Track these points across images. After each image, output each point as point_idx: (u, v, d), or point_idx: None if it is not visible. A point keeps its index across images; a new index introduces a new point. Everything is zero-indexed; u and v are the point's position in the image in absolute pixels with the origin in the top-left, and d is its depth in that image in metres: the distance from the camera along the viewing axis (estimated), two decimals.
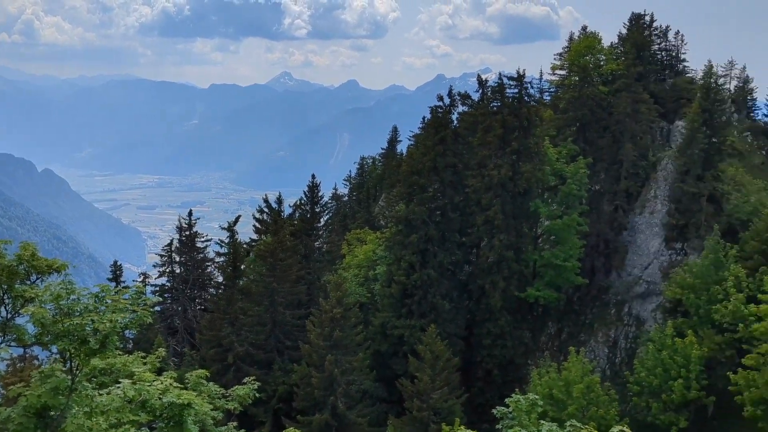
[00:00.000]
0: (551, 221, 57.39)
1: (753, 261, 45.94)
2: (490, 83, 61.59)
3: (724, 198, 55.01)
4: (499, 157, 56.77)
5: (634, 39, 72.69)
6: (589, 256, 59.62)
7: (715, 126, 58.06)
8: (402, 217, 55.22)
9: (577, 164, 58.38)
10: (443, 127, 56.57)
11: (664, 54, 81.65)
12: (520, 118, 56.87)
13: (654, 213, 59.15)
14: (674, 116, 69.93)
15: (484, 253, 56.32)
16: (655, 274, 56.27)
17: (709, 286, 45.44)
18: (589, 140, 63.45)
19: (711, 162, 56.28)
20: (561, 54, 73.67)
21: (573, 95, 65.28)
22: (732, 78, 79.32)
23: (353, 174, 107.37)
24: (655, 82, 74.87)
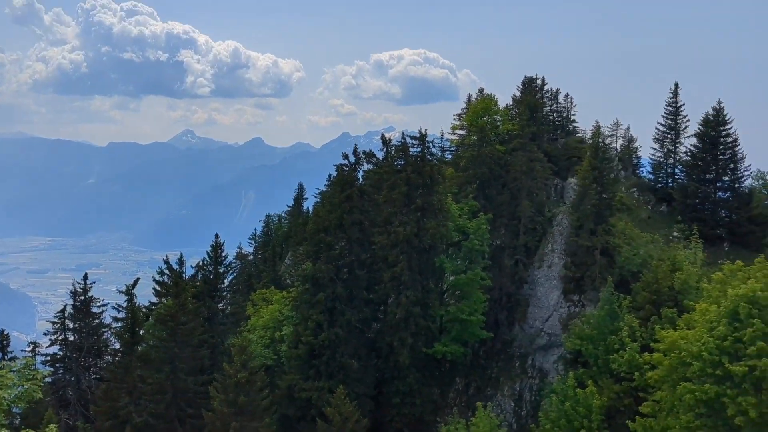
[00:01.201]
0: (456, 276, 58.38)
1: (644, 311, 48.20)
2: (394, 142, 63.03)
3: (615, 251, 57.78)
4: (404, 214, 57.59)
5: (527, 101, 76.59)
6: (493, 310, 60.85)
7: (605, 183, 61.35)
8: (309, 275, 54.74)
9: (478, 220, 60.00)
10: (349, 184, 57.04)
11: (556, 115, 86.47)
12: (423, 176, 58.13)
13: (552, 266, 61.35)
14: (567, 173, 73.60)
15: (392, 309, 56.43)
16: (556, 326, 58.02)
17: (605, 337, 47.22)
18: (489, 197, 65.51)
19: (602, 216, 59.19)
20: (460, 114, 76.41)
21: (472, 154, 67.56)
22: (618, 137, 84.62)
23: (258, 232, 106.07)
24: (548, 142, 78.93)
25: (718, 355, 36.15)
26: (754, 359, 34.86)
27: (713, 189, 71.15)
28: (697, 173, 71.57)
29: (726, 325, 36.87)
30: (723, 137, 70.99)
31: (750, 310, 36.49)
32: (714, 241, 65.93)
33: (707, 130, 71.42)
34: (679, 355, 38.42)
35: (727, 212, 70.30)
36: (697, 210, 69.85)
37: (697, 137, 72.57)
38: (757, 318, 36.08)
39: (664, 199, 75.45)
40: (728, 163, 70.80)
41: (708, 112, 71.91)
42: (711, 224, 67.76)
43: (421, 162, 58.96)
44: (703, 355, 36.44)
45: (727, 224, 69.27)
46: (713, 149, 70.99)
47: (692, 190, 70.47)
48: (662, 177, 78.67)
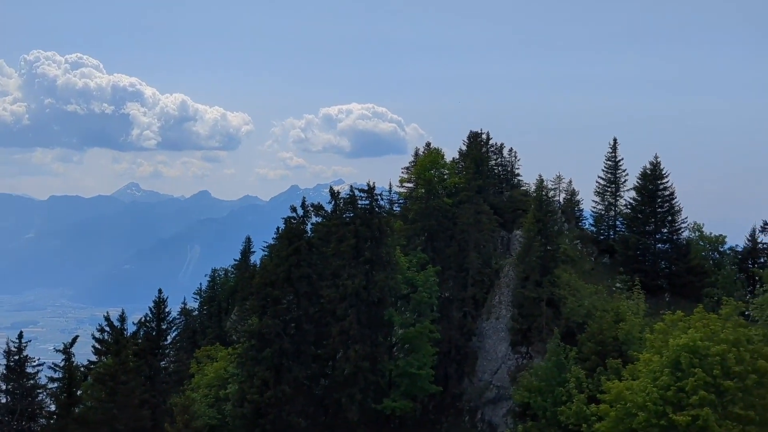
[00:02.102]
0: (405, 329, 58.16)
1: (590, 362, 48.73)
2: (343, 195, 63.16)
3: (561, 302, 58.61)
4: (353, 267, 57.38)
5: (473, 155, 78.11)
6: (442, 363, 60.60)
7: (549, 235, 62.60)
8: (255, 330, 53.69)
9: (427, 272, 60.22)
10: (297, 237, 56.68)
11: (501, 169, 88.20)
12: (372, 229, 58.28)
13: (500, 318, 61.74)
14: (513, 226, 74.79)
15: (340, 365, 55.59)
16: (504, 379, 58.05)
17: (553, 388, 47.43)
18: (437, 249, 65.99)
19: (547, 268, 60.15)
20: (408, 167, 77.40)
21: (420, 206, 68.27)
22: (561, 191, 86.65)
23: (204, 287, 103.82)
24: (494, 195, 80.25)
25: (662, 405, 36.69)
26: (696, 409, 35.47)
27: (653, 241, 73.31)
28: (637, 225, 73.74)
29: (668, 375, 37.58)
30: (660, 190, 73.61)
31: (691, 360, 37.32)
32: (655, 291, 67.58)
33: (645, 184, 73.97)
34: (624, 405, 38.84)
35: (667, 263, 72.42)
36: (639, 261, 71.69)
37: (636, 190, 75.05)
38: (698, 367, 36.90)
39: (607, 250, 77.27)
40: (666, 216, 73.25)
41: (646, 167, 74.66)
42: (652, 275, 69.56)
43: (369, 214, 59.18)
44: (648, 405, 36.93)
45: (667, 275, 71.24)
46: (651, 202, 73.45)
47: (633, 241, 72.46)
48: (604, 229, 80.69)
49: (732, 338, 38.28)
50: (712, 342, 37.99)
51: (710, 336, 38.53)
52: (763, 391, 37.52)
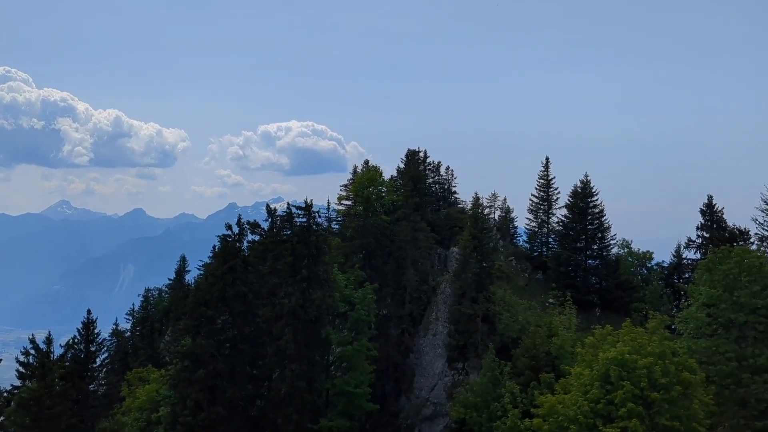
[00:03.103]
0: (342, 348, 57.87)
1: (524, 376, 49.53)
2: (280, 212, 62.65)
3: (496, 318, 59.51)
4: (289, 285, 56.80)
5: (411, 173, 79.03)
6: (380, 381, 60.54)
7: (485, 252, 63.59)
8: (188, 351, 52.39)
9: (364, 290, 60.22)
10: (232, 255, 55.78)
11: (438, 186, 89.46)
12: (309, 246, 57.90)
13: (437, 335, 62.19)
14: (449, 243, 75.82)
15: (276, 384, 54.77)
16: (441, 395, 58.38)
17: (489, 404, 47.96)
18: (375, 266, 66.15)
19: (483, 284, 61.03)
20: (346, 185, 77.53)
21: (358, 224, 68.42)
22: (496, 208, 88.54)
23: (137, 307, 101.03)
24: (432, 212, 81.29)
25: (593, 418, 37.48)
26: (625, 420, 36.37)
27: (583, 257, 75.37)
28: (569, 242, 75.71)
29: (598, 388, 38.46)
30: (591, 208, 75.86)
31: (620, 373, 38.30)
32: (587, 306, 69.37)
33: (576, 202, 76.12)
34: (557, 419, 39.53)
35: (597, 279, 74.51)
36: (570, 277, 73.52)
37: (568, 208, 77.15)
38: (626, 380, 37.90)
39: (540, 266, 79.03)
40: (596, 233, 75.49)
41: (576, 185, 76.90)
42: (583, 290, 71.41)
43: (306, 232, 58.79)
44: (579, 418, 37.67)
45: (597, 290, 73.29)
46: (582, 219, 75.59)
47: (565, 258, 74.31)
48: (537, 246, 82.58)
49: (658, 351, 39.49)
50: (640, 355, 39.08)
51: (638, 349, 39.64)
52: (688, 402, 38.79)
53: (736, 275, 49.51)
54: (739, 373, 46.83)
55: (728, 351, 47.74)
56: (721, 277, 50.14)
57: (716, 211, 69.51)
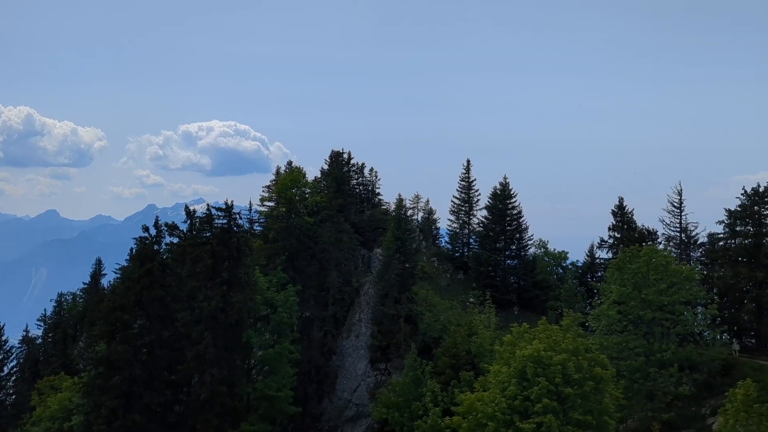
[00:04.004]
0: (264, 351, 57.20)
1: (445, 375, 50.28)
2: (199, 214, 61.32)
3: (418, 318, 60.17)
4: (209, 288, 55.66)
5: (334, 174, 78.88)
6: (302, 384, 60.17)
7: (408, 253, 64.21)
8: (102, 357, 50.67)
9: (287, 292, 59.72)
10: (149, 258, 54.28)
11: (362, 188, 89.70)
12: (230, 248, 56.90)
13: (360, 336, 62.34)
14: (373, 244, 76.12)
15: (196, 390, 53.57)
16: (364, 396, 58.57)
17: (410, 403, 48.45)
18: (297, 268, 65.69)
19: (406, 285, 61.62)
20: (269, 186, 76.68)
21: (281, 225, 67.75)
22: (419, 210, 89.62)
23: (49, 313, 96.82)
24: (355, 214, 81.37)
25: (510, 414, 38.33)
26: (540, 416, 37.38)
27: (503, 257, 77.23)
28: (489, 243, 77.40)
29: (516, 384, 39.37)
30: (509, 209, 77.79)
31: (536, 369, 39.32)
32: (506, 305, 71.09)
33: (496, 203, 77.92)
34: (476, 416, 40.24)
35: (516, 278, 76.49)
36: (490, 277, 75.18)
37: (488, 209, 78.87)
38: (542, 376, 38.96)
39: (461, 267, 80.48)
40: (515, 233, 77.48)
41: (496, 187, 78.69)
42: (502, 290, 73.13)
43: (227, 234, 57.75)
44: (497, 415, 38.45)
45: (516, 289, 75.22)
46: (501, 220, 77.45)
47: (485, 258, 75.91)
48: (459, 246, 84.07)
49: (572, 348, 40.75)
50: (555, 352, 40.22)
51: (553, 346, 40.80)
52: (600, 397, 40.23)
53: (645, 274, 51.84)
54: (647, 367, 49.07)
55: (637, 346, 49.93)
56: (631, 276, 52.39)
57: (627, 212, 72.39)
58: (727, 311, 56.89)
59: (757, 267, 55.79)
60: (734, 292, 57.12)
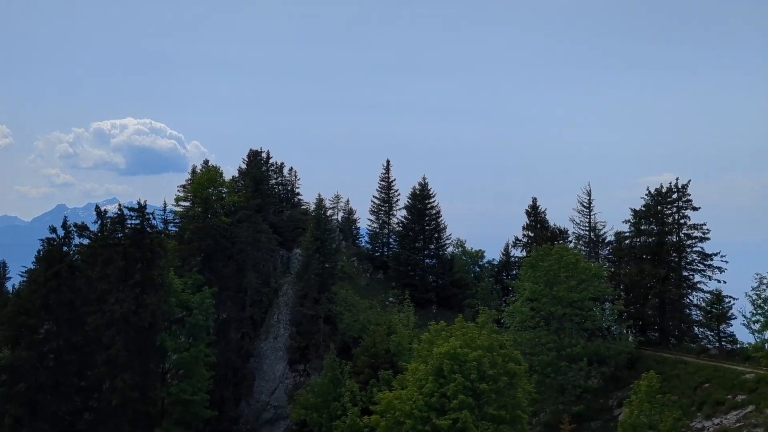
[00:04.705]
0: (179, 354, 55.84)
1: (364, 374, 50.52)
2: (111, 214, 59.28)
3: (338, 318, 60.18)
4: (121, 291, 53.90)
5: (253, 174, 77.95)
6: (219, 387, 59.06)
7: (327, 253, 64.13)
8: (6, 364, 48.27)
9: (203, 294, 58.53)
10: (57, 260, 52.02)
11: (281, 188, 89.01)
12: (143, 250, 55.27)
13: (278, 338, 61.81)
14: (292, 244, 75.62)
15: (107, 396, 51.75)
16: (282, 398, 58.12)
17: (329, 404, 48.40)
18: (214, 269, 64.51)
19: (325, 285, 61.54)
20: (185, 186, 74.94)
21: (197, 226, 66.38)
22: (339, 209, 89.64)
23: None
24: (274, 214, 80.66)
25: (427, 411, 38.86)
26: (456, 412, 38.07)
27: (422, 257, 78.27)
28: (408, 242, 78.30)
29: (433, 382, 39.94)
30: (428, 209, 78.93)
31: (452, 366, 40.04)
32: (424, 304, 72.07)
33: (415, 203, 78.88)
34: (394, 415, 40.56)
35: (434, 277, 77.64)
36: (409, 276, 76.06)
37: (407, 209, 79.76)
38: (458, 373, 39.70)
39: (381, 266, 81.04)
40: (433, 233, 78.68)
41: (415, 187, 79.66)
42: (421, 289, 74.11)
43: (140, 235, 56.05)
44: (414, 412, 38.90)
45: (434, 288, 76.36)
46: (420, 220, 78.48)
47: (404, 257, 76.75)
48: (379, 246, 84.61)
49: (487, 344, 41.73)
50: (470, 349, 41.08)
51: (469, 343, 41.64)
52: (513, 392, 41.33)
53: (556, 271, 53.67)
54: (558, 362, 50.84)
55: (549, 342, 51.67)
56: (543, 274, 54.14)
57: (540, 212, 74.67)
58: (632, 306, 59.54)
59: (660, 264, 58.59)
60: (639, 288, 59.81)
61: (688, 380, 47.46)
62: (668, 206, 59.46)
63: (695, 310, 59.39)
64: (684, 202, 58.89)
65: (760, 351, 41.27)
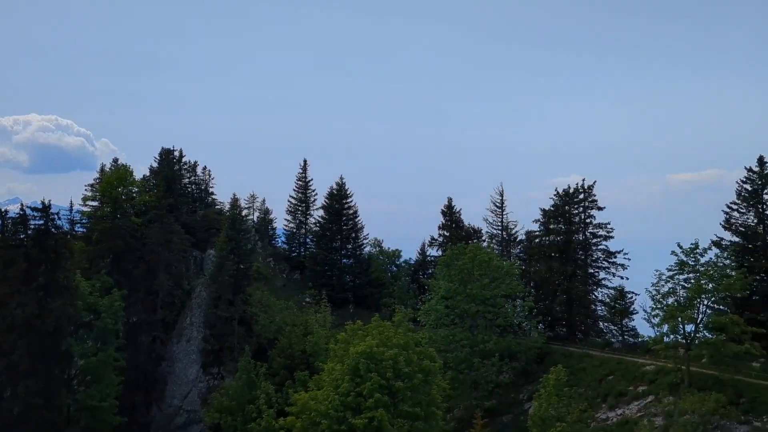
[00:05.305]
0: (86, 360, 53.77)
1: (280, 376, 50.20)
2: (12, 214, 56.45)
3: (253, 320, 59.46)
4: (23, 294, 51.41)
5: (165, 172, 75.91)
6: (129, 392, 57.23)
7: (242, 253, 63.25)
8: None
9: (111, 297, 56.55)
10: None
11: (194, 187, 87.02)
12: (47, 251, 52.89)
13: (191, 340, 60.52)
14: (206, 245, 74.07)
15: (8, 404, 49.34)
16: (195, 402, 56.95)
17: (244, 406, 47.77)
18: (124, 271, 62.51)
19: (240, 287, 60.67)
20: (93, 185, 72.13)
21: (105, 226, 64.25)
22: (255, 209, 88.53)
23: None
24: (187, 214, 78.74)
25: (343, 411, 39.02)
26: (372, 411, 38.40)
27: (339, 256, 78.42)
28: (325, 242, 78.25)
29: (349, 381, 40.14)
30: (345, 209, 79.11)
31: (368, 365, 40.36)
32: (341, 303, 72.24)
33: (332, 203, 78.90)
34: (310, 415, 40.53)
35: (352, 277, 77.91)
36: (326, 276, 76.01)
37: (324, 209, 79.68)
38: (374, 372, 40.04)
39: (298, 267, 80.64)
40: (350, 233, 78.93)
41: (332, 187, 79.69)
42: (338, 289, 74.27)
43: (44, 236, 53.62)
44: (330, 412, 38.98)
45: (351, 288, 76.67)
46: (338, 220, 78.58)
47: (321, 257, 76.67)
48: (295, 246, 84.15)
49: (402, 342, 42.31)
50: (387, 347, 41.53)
51: (385, 342, 42.08)
52: (428, 388, 42.08)
53: (470, 270, 54.96)
54: (471, 358, 52.10)
55: (463, 339, 52.87)
56: (457, 272, 55.34)
57: (455, 212, 76.13)
58: (542, 303, 61.68)
59: (567, 262, 60.94)
60: (548, 285, 62.01)
61: (593, 373, 49.62)
62: (575, 206, 61.91)
63: (600, 305, 62.15)
64: (590, 202, 61.51)
65: (659, 344, 43.75)
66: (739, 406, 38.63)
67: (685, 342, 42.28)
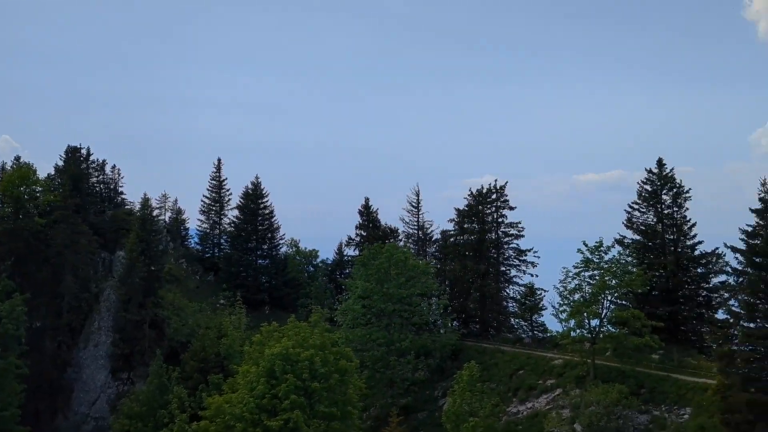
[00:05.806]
0: None
1: (193, 380, 49.07)
2: None
3: (165, 323, 57.94)
4: None
5: (71, 171, 72.81)
6: (32, 400, 54.62)
7: (153, 255, 61.53)
8: None
9: (13, 301, 53.90)
10: None
11: (103, 187, 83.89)
12: None
13: (99, 345, 58.42)
14: (115, 246, 71.49)
15: None
16: (104, 409, 55.00)
17: (155, 412, 46.45)
18: (26, 274, 59.77)
19: (151, 289, 58.98)
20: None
21: (6, 227, 61.34)
22: (167, 209, 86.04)
23: None
24: (95, 214, 75.78)
25: (258, 414, 38.58)
26: (288, 412, 38.16)
27: (254, 257, 77.37)
28: (240, 243, 77.04)
29: (264, 383, 39.71)
30: (261, 209, 78.15)
31: (284, 367, 40.06)
32: (257, 305, 71.24)
33: (247, 203, 77.77)
34: (224, 419, 39.84)
35: (267, 278, 77.06)
36: (241, 277, 74.83)
37: (239, 209, 78.45)
38: (290, 373, 39.79)
39: (212, 268, 79.03)
40: (266, 233, 78.03)
41: (248, 186, 78.54)
42: (253, 290, 73.22)
43: None
44: (245, 415, 38.47)
45: (267, 289, 75.79)
46: (253, 220, 77.52)
47: (236, 258, 75.48)
48: (209, 247, 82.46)
49: (319, 343, 42.22)
50: (303, 348, 41.33)
51: (301, 343, 41.86)
52: (345, 388, 42.15)
53: (386, 269, 55.48)
54: (387, 356, 52.63)
55: (379, 337, 53.32)
56: (374, 272, 55.74)
57: (372, 212, 76.52)
58: (456, 301, 62.92)
59: (481, 260, 62.41)
60: (462, 283, 63.36)
61: (504, 368, 51.09)
62: (488, 206, 63.49)
63: (511, 302, 64.00)
64: (502, 202, 63.24)
65: (566, 338, 45.52)
66: (640, 396, 40.72)
67: (590, 336, 44.16)
